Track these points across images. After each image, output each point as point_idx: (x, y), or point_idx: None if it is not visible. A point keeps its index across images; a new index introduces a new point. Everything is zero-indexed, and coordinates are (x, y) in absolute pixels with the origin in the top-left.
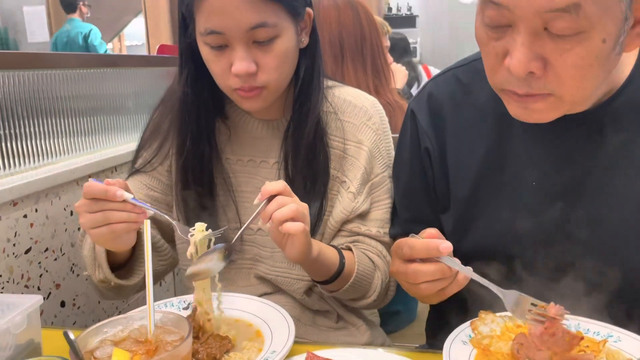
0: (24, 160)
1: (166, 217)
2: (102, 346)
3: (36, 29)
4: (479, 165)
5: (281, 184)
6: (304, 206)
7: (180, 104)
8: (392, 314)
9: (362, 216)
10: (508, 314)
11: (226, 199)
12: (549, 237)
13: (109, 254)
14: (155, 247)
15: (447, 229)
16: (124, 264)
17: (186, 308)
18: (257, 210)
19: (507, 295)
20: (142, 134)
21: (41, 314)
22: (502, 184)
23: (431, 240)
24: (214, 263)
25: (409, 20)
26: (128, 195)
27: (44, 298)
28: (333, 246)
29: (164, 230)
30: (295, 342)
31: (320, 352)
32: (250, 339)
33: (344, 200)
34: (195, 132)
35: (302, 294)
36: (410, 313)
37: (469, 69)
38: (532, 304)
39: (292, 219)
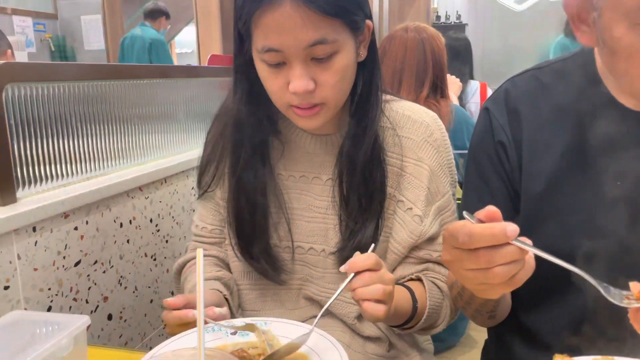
0: (76, 171)
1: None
2: None
3: (92, 37)
4: (556, 163)
5: (371, 261)
6: (390, 280)
7: (234, 122)
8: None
9: (431, 241)
10: (587, 358)
11: (278, 217)
12: (626, 244)
13: None
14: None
15: None
16: None
17: (234, 334)
18: (346, 283)
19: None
20: (201, 158)
21: (88, 327)
22: (580, 183)
23: (495, 224)
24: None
25: (458, 29)
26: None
27: (91, 311)
28: (403, 285)
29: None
30: None
31: None
32: None
33: (409, 224)
34: (249, 150)
35: (354, 319)
36: (459, 328)
37: (549, 71)
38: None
39: (376, 301)
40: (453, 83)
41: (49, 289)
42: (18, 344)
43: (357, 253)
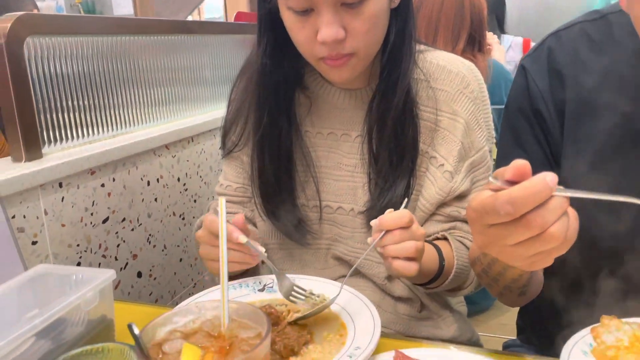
0: (102, 130)
1: (272, 266)
2: (172, 338)
3: (122, 2)
4: (604, 134)
5: (404, 219)
6: (422, 236)
7: (258, 76)
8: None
9: (461, 198)
10: (637, 320)
11: (305, 175)
12: None
13: None
14: None
15: None
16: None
17: (262, 290)
18: (377, 240)
19: None
20: (225, 117)
21: (118, 284)
22: (631, 158)
23: (534, 180)
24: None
25: None
26: (243, 239)
27: (120, 268)
28: (430, 243)
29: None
30: (382, 336)
31: (409, 352)
32: (331, 330)
33: (439, 181)
34: (274, 106)
35: (384, 279)
36: (487, 302)
37: (603, 25)
38: None
39: (407, 258)
40: (499, 51)
41: (78, 245)
42: (44, 296)
43: (390, 210)
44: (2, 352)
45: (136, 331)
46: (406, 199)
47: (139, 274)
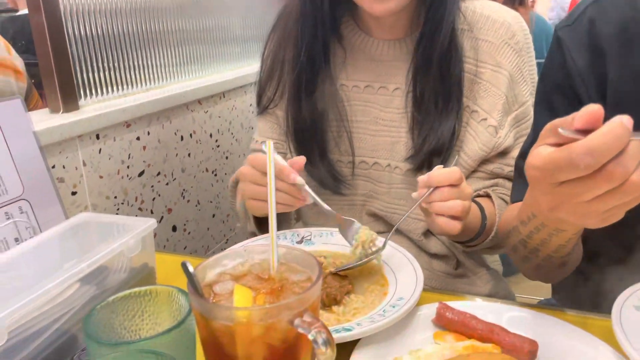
0: (135, 83)
1: (327, 208)
2: (222, 280)
3: None
4: None
5: (454, 176)
6: (470, 195)
7: (293, 25)
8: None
9: (504, 154)
10: None
11: (339, 129)
12: None
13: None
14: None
15: None
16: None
17: (300, 242)
18: (424, 196)
19: None
20: (259, 73)
21: (154, 237)
22: None
23: (611, 125)
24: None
25: None
26: (300, 181)
27: (157, 222)
28: (473, 201)
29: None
30: (424, 290)
31: (453, 304)
32: (372, 281)
33: (482, 135)
34: (311, 46)
35: (420, 235)
36: None
37: None
38: None
39: (451, 217)
40: (543, 4)
41: (115, 197)
42: (87, 243)
43: (440, 166)
44: (48, 295)
45: (190, 269)
46: (456, 156)
47: (174, 228)
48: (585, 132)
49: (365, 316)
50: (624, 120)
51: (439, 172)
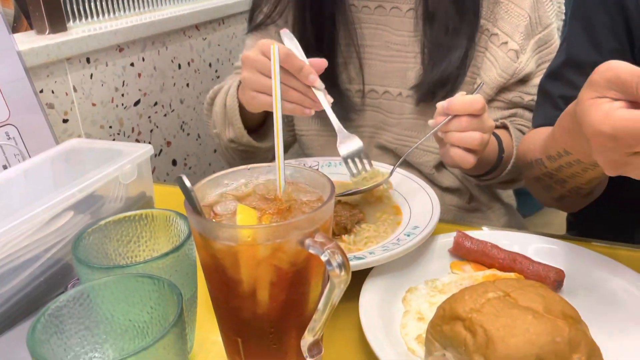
0: (128, 6)
1: (337, 122)
2: (223, 201)
3: None
4: None
5: (475, 106)
6: (490, 128)
7: None
8: (523, 195)
9: (524, 82)
10: None
11: (349, 54)
12: None
13: (242, 113)
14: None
15: None
16: (255, 128)
17: None
18: (441, 124)
19: None
20: None
21: (153, 170)
22: None
23: None
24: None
25: None
26: (320, 85)
27: (155, 155)
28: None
29: None
30: (440, 221)
31: (472, 233)
32: (384, 211)
33: (501, 61)
34: None
35: (432, 168)
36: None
37: None
38: None
39: (468, 150)
40: None
41: (110, 127)
42: (79, 169)
43: (462, 93)
44: (37, 221)
45: (187, 183)
46: (481, 82)
47: (174, 162)
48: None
49: (378, 245)
50: None
51: (460, 99)
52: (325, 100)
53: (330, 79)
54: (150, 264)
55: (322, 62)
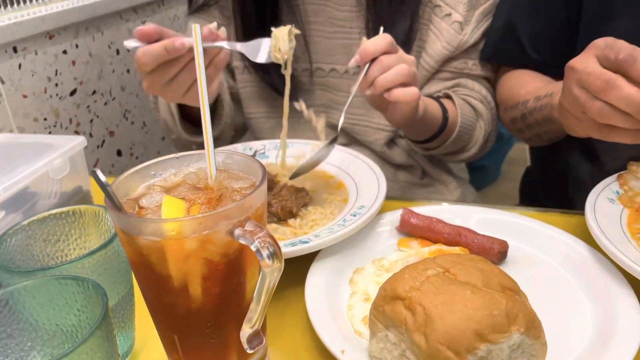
0: None
1: (239, 45)
2: (150, 193)
3: None
4: None
5: (385, 41)
6: (412, 61)
7: None
8: (477, 170)
9: (469, 51)
10: None
11: None
12: None
13: (185, 113)
14: (233, 97)
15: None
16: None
17: (253, 156)
18: (361, 76)
19: None
20: None
21: (96, 163)
22: None
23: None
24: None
25: None
26: (188, 41)
27: (97, 146)
28: (433, 98)
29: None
30: (388, 198)
31: (419, 209)
32: (331, 192)
33: (446, 33)
34: None
35: (383, 146)
36: (496, 170)
37: None
38: None
39: (403, 84)
40: None
41: (45, 119)
42: (7, 165)
43: (364, 39)
44: None
45: (102, 177)
46: (382, 27)
47: (119, 152)
48: None
49: (324, 227)
50: None
51: (367, 42)
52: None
53: None
54: (76, 264)
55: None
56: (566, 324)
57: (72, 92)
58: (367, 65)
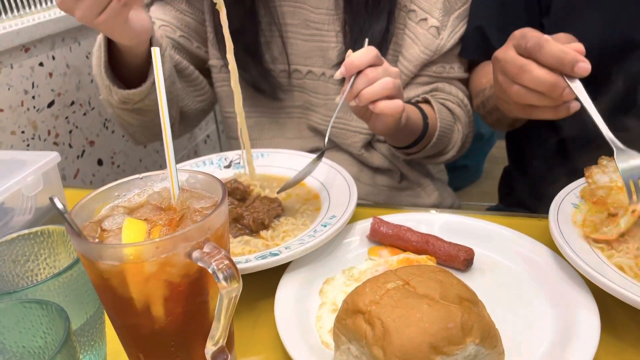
0: (34, 3)
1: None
2: (113, 215)
3: None
4: None
5: (370, 54)
6: (397, 73)
7: None
8: (458, 169)
9: (447, 55)
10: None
11: (271, 33)
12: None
13: (121, 71)
14: (187, 78)
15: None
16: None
17: (228, 166)
18: (348, 87)
19: (624, 153)
20: None
21: (77, 173)
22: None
23: (570, 51)
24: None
25: None
26: None
27: (77, 156)
28: (412, 103)
29: (197, 59)
30: (360, 206)
31: (388, 217)
32: (304, 202)
33: (423, 38)
34: None
35: (360, 149)
36: (477, 169)
37: None
38: None
39: (388, 97)
40: None
41: (23, 132)
42: None
43: (350, 51)
44: None
45: (59, 205)
46: (367, 39)
47: (100, 162)
48: None
49: (295, 238)
50: (579, 64)
51: (353, 54)
52: None
53: (254, 58)
54: (42, 287)
55: None
56: (526, 329)
57: (50, 104)
58: (352, 78)
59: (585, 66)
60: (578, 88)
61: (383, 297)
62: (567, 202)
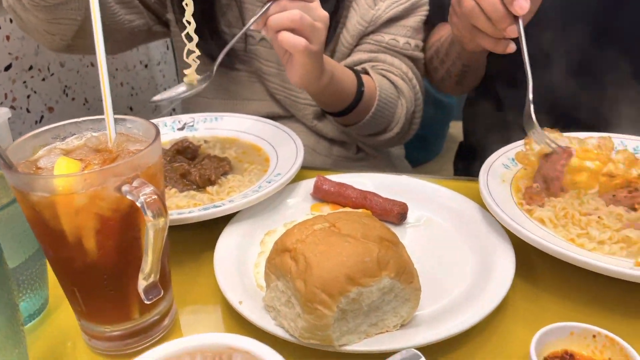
0: None
1: None
2: (50, 155)
3: None
4: None
5: None
6: (319, 16)
7: None
8: (417, 139)
9: (389, 23)
10: (578, 135)
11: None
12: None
13: None
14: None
15: None
16: None
17: (181, 129)
18: (259, 13)
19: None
20: None
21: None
22: None
23: None
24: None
25: None
26: None
27: (35, 122)
28: (350, 68)
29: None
30: (308, 168)
31: (332, 177)
32: (253, 162)
33: (362, 8)
34: None
35: (313, 120)
36: (437, 141)
37: None
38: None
39: (292, 30)
40: None
41: None
42: None
43: None
44: None
45: None
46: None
47: None
48: None
49: (239, 194)
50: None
51: None
52: None
53: (210, 23)
54: None
55: None
56: (447, 274)
57: (7, 67)
58: (268, 4)
59: (522, 4)
60: (521, 33)
61: (309, 236)
62: (498, 163)
